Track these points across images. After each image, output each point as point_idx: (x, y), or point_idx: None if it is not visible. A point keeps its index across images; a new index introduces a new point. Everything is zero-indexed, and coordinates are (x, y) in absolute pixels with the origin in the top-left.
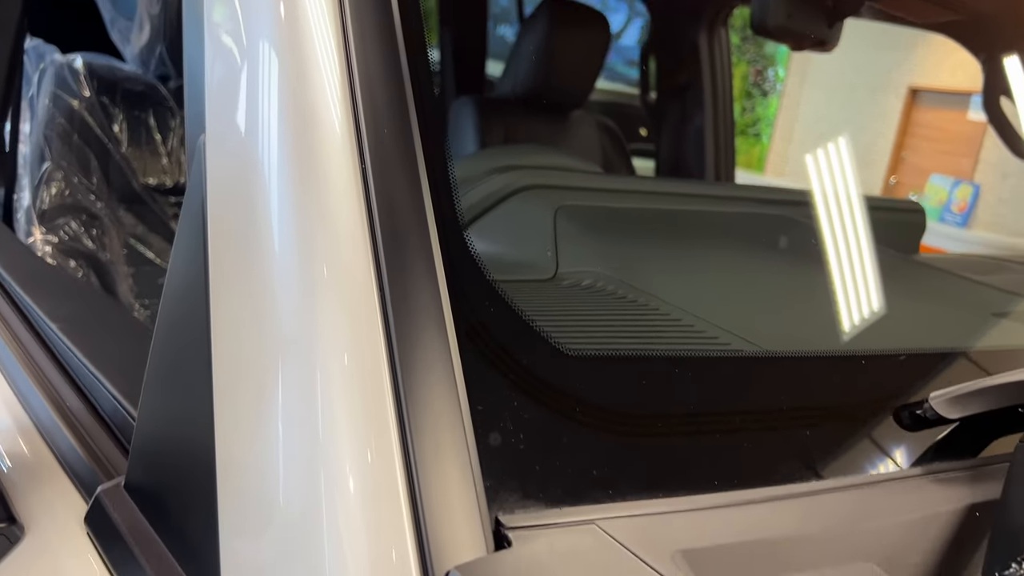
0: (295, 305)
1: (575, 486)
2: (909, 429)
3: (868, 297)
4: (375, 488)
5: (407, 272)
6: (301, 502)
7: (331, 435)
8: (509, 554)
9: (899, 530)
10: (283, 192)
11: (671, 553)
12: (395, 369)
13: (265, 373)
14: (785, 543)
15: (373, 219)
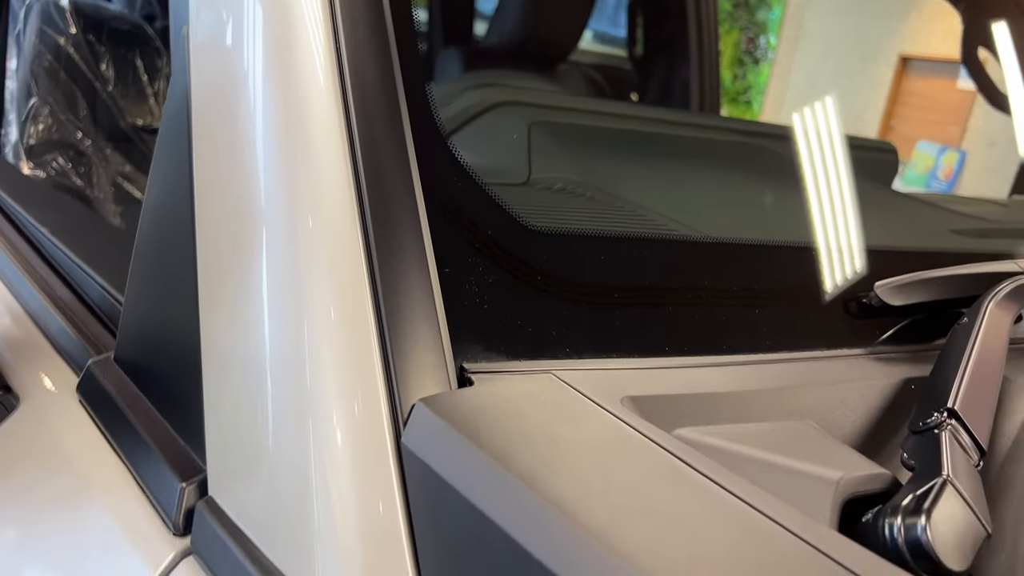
0: (274, 177)
1: (535, 343)
2: (856, 317)
3: (828, 205)
4: (347, 331)
5: (378, 142)
6: (282, 357)
7: (307, 296)
8: (471, 391)
9: (838, 394)
10: (266, 98)
11: (620, 398)
12: (367, 231)
13: (245, 256)
14: (726, 397)
15: (349, 111)
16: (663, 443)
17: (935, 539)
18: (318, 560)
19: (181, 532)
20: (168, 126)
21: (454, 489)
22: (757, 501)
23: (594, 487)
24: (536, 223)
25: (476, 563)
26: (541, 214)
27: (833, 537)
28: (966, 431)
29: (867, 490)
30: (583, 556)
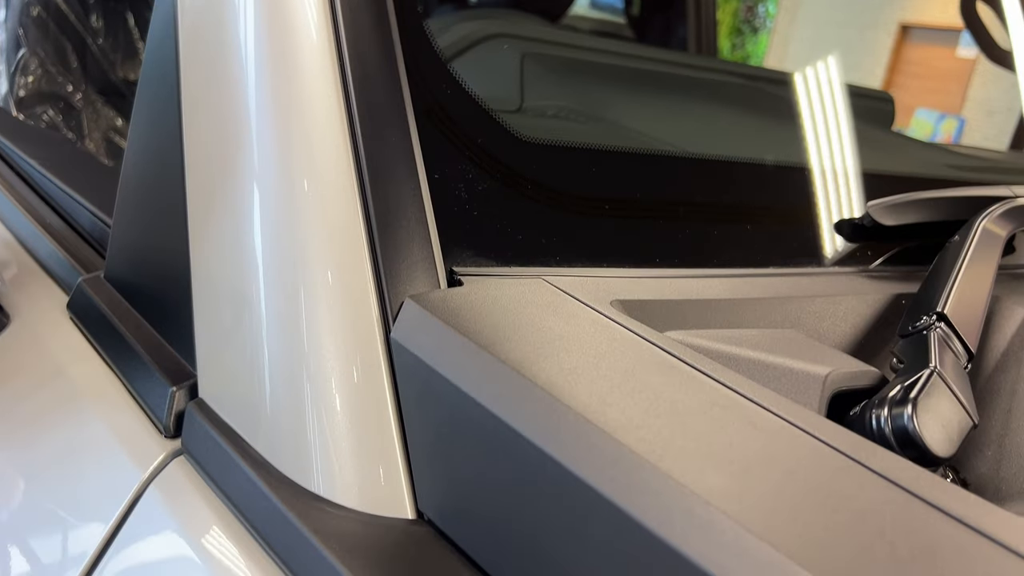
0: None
1: (525, 251)
2: (849, 239)
3: (823, 132)
4: (337, 233)
5: (367, 54)
6: (273, 261)
7: (296, 201)
8: (460, 289)
9: (829, 306)
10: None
11: (609, 301)
12: (356, 136)
13: (233, 167)
14: (717, 304)
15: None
16: (652, 339)
17: (921, 427)
18: (312, 449)
19: (172, 434)
20: (154, 48)
21: (442, 376)
22: (745, 389)
23: (581, 372)
24: (527, 134)
25: (462, 445)
26: (532, 128)
27: (821, 421)
28: (955, 334)
29: (855, 386)
30: (566, 432)
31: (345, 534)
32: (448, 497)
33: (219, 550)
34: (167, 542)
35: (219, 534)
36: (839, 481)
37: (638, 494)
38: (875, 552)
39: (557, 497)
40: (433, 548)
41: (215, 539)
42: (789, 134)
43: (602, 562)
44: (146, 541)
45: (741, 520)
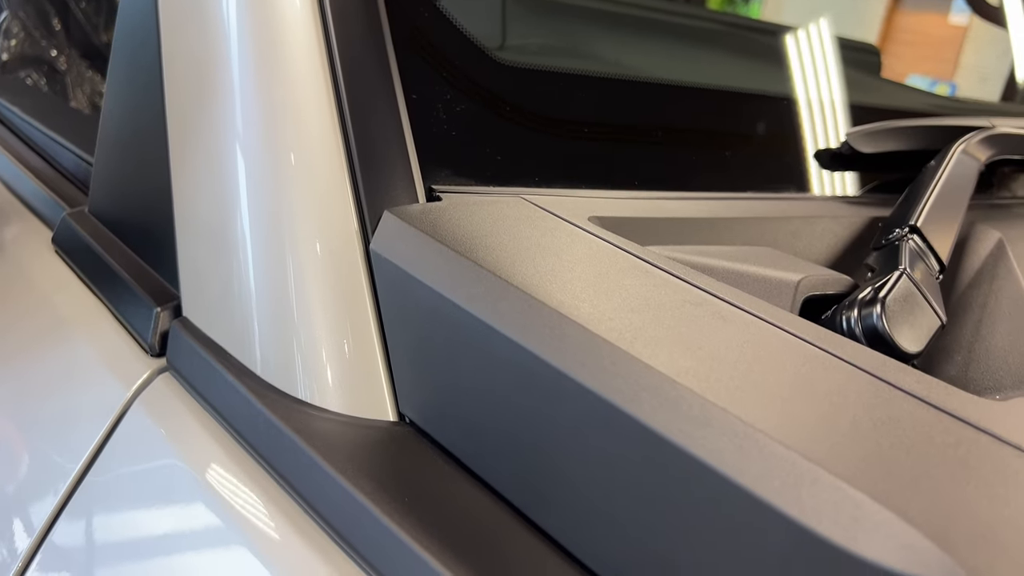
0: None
1: (504, 171)
2: (828, 167)
3: (809, 67)
4: (315, 149)
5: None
6: (254, 181)
7: (275, 120)
8: (439, 204)
9: (805, 226)
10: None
11: (586, 218)
12: (332, 54)
13: (212, 97)
14: (692, 222)
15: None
16: (629, 249)
17: (890, 325)
18: (296, 356)
19: (157, 353)
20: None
21: (420, 282)
22: (717, 289)
23: (556, 274)
24: (506, 58)
25: (441, 346)
26: (511, 52)
27: (791, 317)
28: (927, 246)
29: (827, 292)
30: (540, 326)
31: (328, 434)
32: (428, 397)
33: (204, 456)
34: (152, 452)
35: (204, 441)
36: (806, 367)
37: (608, 376)
38: (838, 421)
39: (532, 387)
40: (414, 446)
41: (200, 446)
42: (773, 73)
43: (576, 445)
44: (132, 453)
45: (706, 395)
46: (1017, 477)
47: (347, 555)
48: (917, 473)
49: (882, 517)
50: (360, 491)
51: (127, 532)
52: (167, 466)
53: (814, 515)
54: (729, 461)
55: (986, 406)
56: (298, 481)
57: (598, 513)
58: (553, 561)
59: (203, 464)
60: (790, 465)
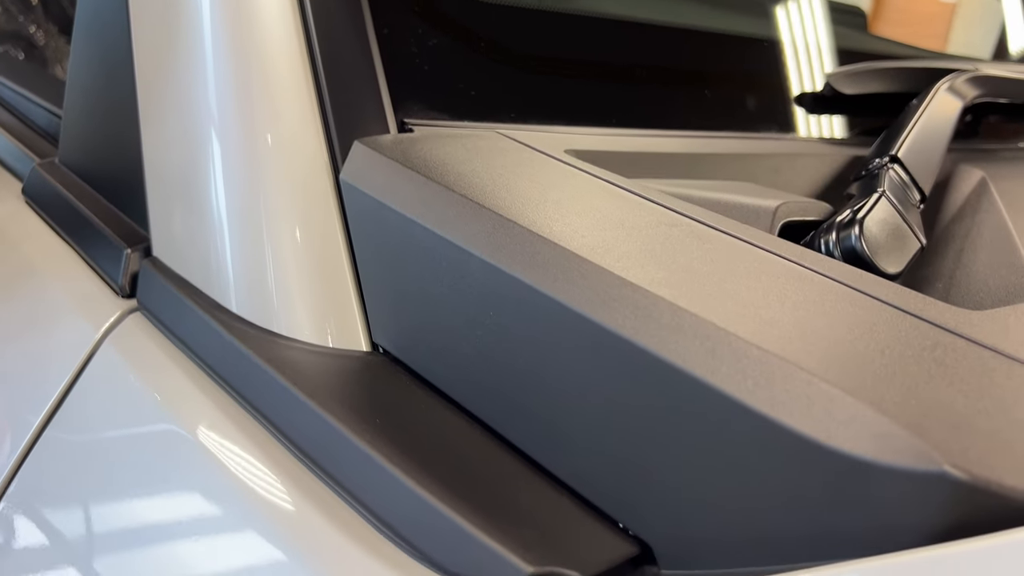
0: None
1: (478, 106)
2: (810, 110)
3: (793, 13)
4: (282, 78)
5: None
6: (222, 113)
7: (241, 52)
8: (410, 135)
9: (787, 163)
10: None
11: (562, 151)
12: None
13: (180, 52)
14: (670, 157)
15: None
16: (605, 176)
17: (869, 245)
18: (267, 288)
19: (127, 294)
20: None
21: (390, 208)
22: (693, 212)
23: (529, 197)
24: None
25: (412, 273)
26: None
27: (767, 236)
28: (908, 175)
29: (806, 217)
30: (512, 245)
31: (300, 363)
32: (401, 325)
33: (175, 390)
34: (121, 388)
35: (175, 376)
36: (781, 280)
37: (579, 289)
38: (812, 327)
39: (504, 305)
40: (387, 373)
41: (171, 381)
42: (756, 15)
43: (550, 359)
44: (101, 391)
45: (678, 302)
46: (993, 375)
47: (319, 479)
48: (892, 371)
49: (855, 409)
50: (331, 414)
51: (97, 469)
52: (137, 402)
53: (787, 411)
54: (700, 363)
55: (963, 314)
56: (269, 410)
57: (572, 425)
58: (525, 474)
59: (174, 398)
60: (762, 364)
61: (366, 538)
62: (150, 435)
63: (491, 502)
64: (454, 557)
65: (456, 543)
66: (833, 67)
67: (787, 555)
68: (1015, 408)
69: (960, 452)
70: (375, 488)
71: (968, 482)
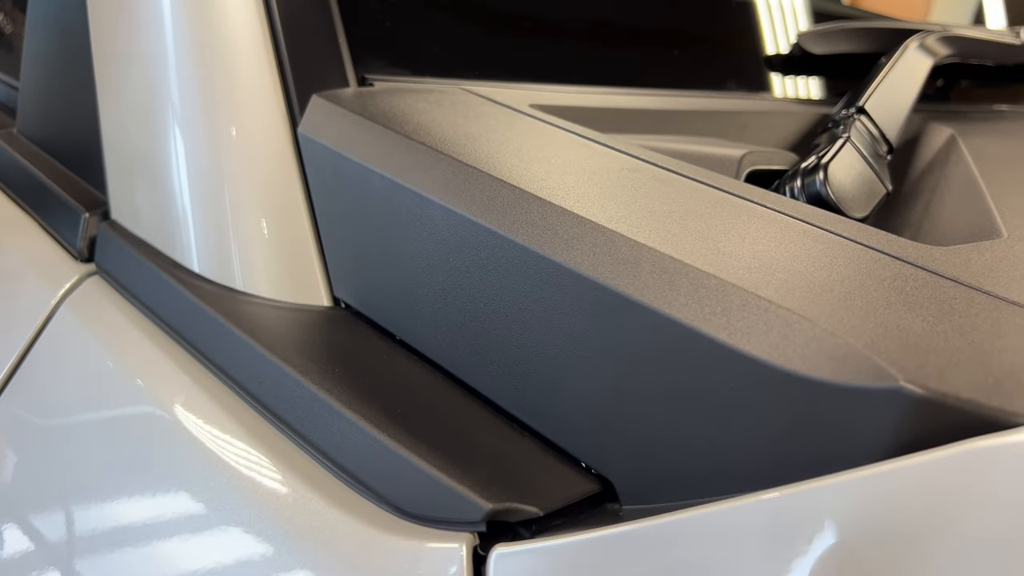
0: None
1: (442, 63)
2: (781, 70)
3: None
4: (243, 40)
5: None
6: (178, 58)
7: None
8: (370, 89)
9: (755, 120)
10: None
11: (527, 105)
12: None
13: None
14: (637, 113)
15: None
16: (568, 127)
17: (833, 189)
18: (225, 245)
19: (86, 257)
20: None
21: (349, 160)
22: (656, 159)
23: (492, 147)
24: None
25: (372, 224)
26: None
27: (730, 180)
28: (875, 125)
29: (771, 166)
30: (473, 190)
31: (259, 317)
32: (362, 278)
33: (133, 350)
34: (79, 350)
35: (133, 336)
36: (743, 219)
37: (539, 230)
38: (772, 259)
39: (465, 250)
40: (348, 325)
41: (129, 341)
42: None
43: (512, 302)
44: (58, 354)
45: (636, 237)
46: (953, 303)
47: (278, 430)
48: (851, 298)
49: (812, 332)
50: (288, 364)
51: (55, 433)
52: (96, 364)
53: (744, 337)
54: (658, 295)
55: (925, 249)
56: (230, 365)
57: (533, 366)
58: (487, 418)
59: (132, 359)
60: (719, 293)
61: (324, 484)
62: (109, 396)
63: (451, 444)
64: (413, 499)
65: (414, 485)
66: (804, 27)
67: (748, 483)
68: (973, 332)
69: (916, 369)
70: (333, 435)
71: (924, 396)
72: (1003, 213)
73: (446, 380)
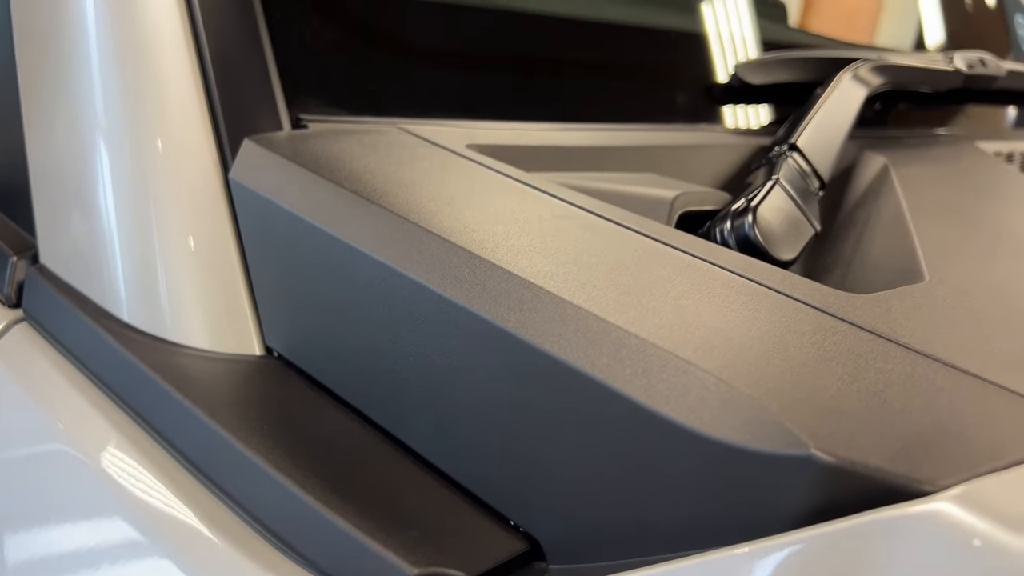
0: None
1: (378, 101)
2: (719, 101)
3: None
4: (172, 82)
5: None
6: (108, 113)
7: (124, 52)
8: (304, 132)
9: (693, 154)
10: None
11: (464, 145)
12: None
13: (62, 48)
14: (574, 151)
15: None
16: (503, 171)
17: (762, 232)
18: (156, 294)
19: (13, 303)
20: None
21: (281, 208)
22: (587, 204)
23: (425, 194)
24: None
25: (304, 274)
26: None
27: (659, 226)
28: (807, 163)
29: (704, 207)
30: (401, 240)
31: (188, 369)
32: (293, 327)
33: (62, 402)
34: (5, 399)
35: (62, 387)
36: (668, 269)
37: (466, 285)
38: (695, 315)
39: (393, 303)
40: (280, 377)
41: (58, 392)
42: (665, 6)
43: (439, 356)
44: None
45: (562, 294)
46: (869, 358)
47: (205, 487)
48: (769, 357)
49: (729, 395)
50: (216, 420)
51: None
52: (22, 415)
53: (663, 399)
54: (581, 354)
55: (847, 298)
56: (157, 419)
57: (460, 422)
58: (416, 474)
59: (60, 411)
60: (640, 353)
61: (248, 543)
62: (36, 449)
63: (378, 503)
64: (341, 563)
65: (342, 548)
66: (743, 57)
67: (670, 544)
68: (886, 390)
69: (827, 436)
70: (260, 494)
71: (834, 464)
72: (927, 253)
73: (377, 434)
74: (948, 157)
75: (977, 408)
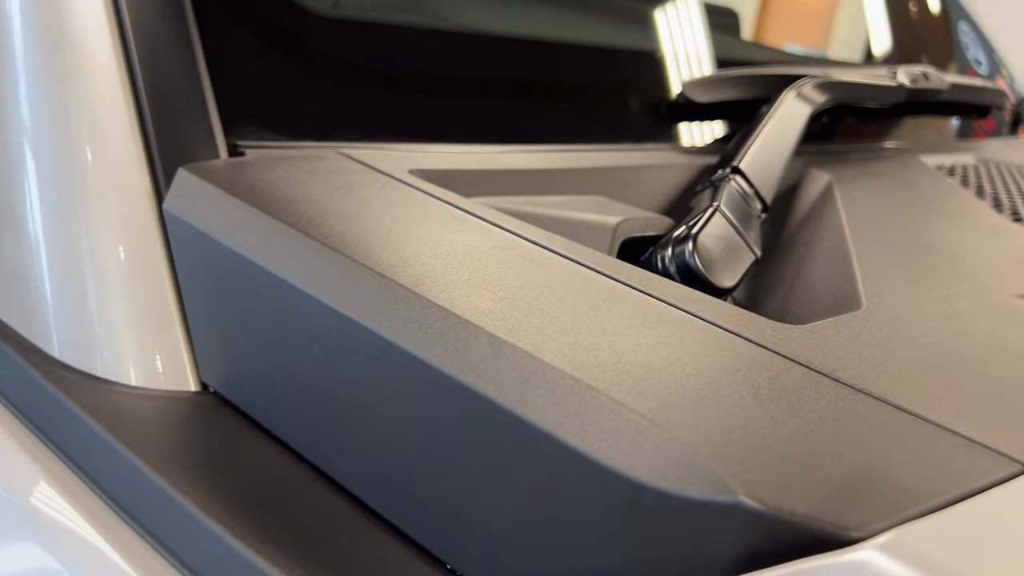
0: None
1: (318, 125)
2: (665, 119)
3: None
4: (103, 108)
5: None
6: (37, 146)
7: (55, 74)
8: (241, 160)
9: (637, 176)
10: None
11: (406, 171)
12: (122, 18)
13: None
14: (519, 174)
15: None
16: (445, 198)
17: (702, 260)
18: (91, 332)
19: None
20: None
21: (215, 241)
22: (529, 233)
23: (363, 225)
24: (319, 7)
25: (240, 309)
26: (326, 1)
27: (602, 257)
28: (749, 186)
29: (647, 233)
30: (335, 277)
31: (119, 408)
32: (229, 364)
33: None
34: None
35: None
36: (606, 303)
37: (401, 322)
38: (630, 353)
39: (327, 339)
40: (214, 414)
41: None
42: (611, 25)
43: (372, 394)
44: None
45: (498, 333)
46: (802, 395)
47: (135, 532)
48: (702, 397)
49: (660, 440)
50: (146, 463)
51: None
52: None
53: (595, 443)
54: (515, 395)
55: (784, 330)
56: (85, 460)
57: (394, 462)
58: (351, 517)
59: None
60: (574, 394)
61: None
62: None
63: (312, 549)
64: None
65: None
66: (692, 74)
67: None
68: (818, 429)
69: (756, 482)
70: (189, 539)
71: (762, 512)
72: (865, 279)
73: (311, 474)
74: (891, 172)
75: (907, 445)
